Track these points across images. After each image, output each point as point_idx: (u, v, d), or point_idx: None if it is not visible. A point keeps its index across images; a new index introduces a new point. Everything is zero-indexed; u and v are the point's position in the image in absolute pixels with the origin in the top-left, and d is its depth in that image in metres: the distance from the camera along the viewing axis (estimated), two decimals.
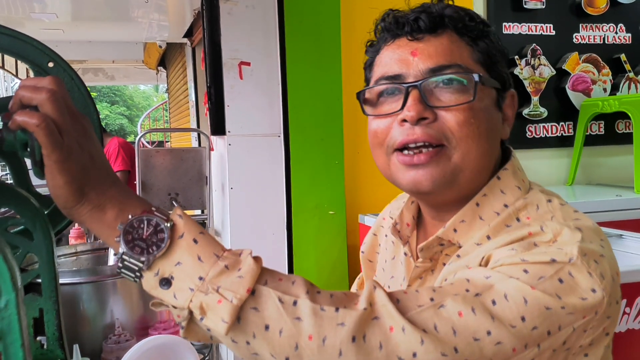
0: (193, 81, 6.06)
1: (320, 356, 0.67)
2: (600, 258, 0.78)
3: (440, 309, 0.71)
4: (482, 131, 0.87)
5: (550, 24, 3.12)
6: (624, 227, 2.24)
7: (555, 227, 0.81)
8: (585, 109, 3.11)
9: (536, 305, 0.72)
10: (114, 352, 1.42)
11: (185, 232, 0.70)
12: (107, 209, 0.71)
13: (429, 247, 0.93)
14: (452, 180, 0.88)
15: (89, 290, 1.46)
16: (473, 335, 0.70)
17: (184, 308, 0.68)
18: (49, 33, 6.00)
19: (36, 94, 0.68)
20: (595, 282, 0.75)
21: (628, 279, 1.76)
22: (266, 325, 0.68)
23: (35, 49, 0.87)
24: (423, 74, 0.87)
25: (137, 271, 0.69)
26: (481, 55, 0.90)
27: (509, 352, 0.71)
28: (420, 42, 0.89)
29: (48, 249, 0.89)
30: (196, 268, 0.68)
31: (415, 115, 0.85)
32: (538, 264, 0.75)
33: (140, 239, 0.69)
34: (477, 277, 0.76)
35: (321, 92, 2.61)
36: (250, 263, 0.70)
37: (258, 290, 0.69)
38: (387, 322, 0.69)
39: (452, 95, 0.86)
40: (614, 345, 0.85)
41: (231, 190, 2.58)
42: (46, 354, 0.92)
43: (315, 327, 0.68)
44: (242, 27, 2.53)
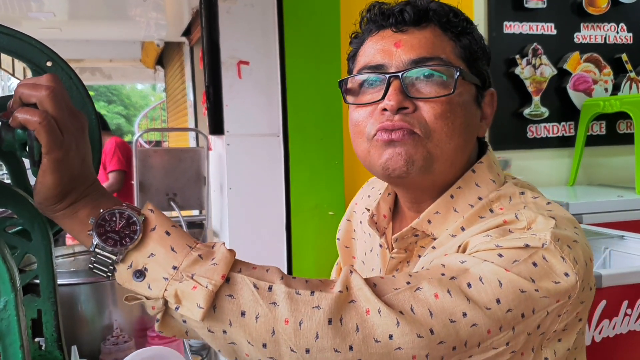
0: (191, 80, 6.05)
1: (297, 340, 0.68)
2: (573, 244, 0.80)
3: (417, 291, 0.73)
4: (457, 126, 0.88)
5: (551, 23, 3.12)
6: (625, 227, 2.24)
7: (529, 215, 0.83)
8: (587, 109, 3.10)
9: (511, 288, 0.74)
10: (112, 353, 1.41)
11: (157, 225, 0.71)
12: (80, 206, 0.71)
13: (404, 238, 0.95)
14: (425, 166, 0.88)
15: (87, 292, 1.44)
16: (449, 316, 0.71)
17: (158, 297, 0.68)
18: (46, 32, 5.98)
19: (35, 91, 0.67)
20: (569, 267, 0.77)
21: (629, 280, 1.76)
22: (242, 312, 0.68)
23: (34, 47, 0.85)
24: (405, 64, 0.88)
25: (110, 264, 0.69)
26: (463, 51, 0.91)
27: (484, 333, 0.73)
28: (404, 34, 0.90)
29: (46, 249, 0.88)
30: (169, 258, 0.69)
31: (395, 104, 0.86)
32: (512, 249, 0.77)
33: (112, 232, 0.69)
34: (452, 262, 0.78)
35: (321, 91, 2.60)
36: (224, 251, 0.71)
37: (232, 277, 0.70)
38: (364, 305, 0.71)
39: (432, 87, 0.88)
40: (614, 346, 0.85)
41: (230, 191, 2.57)
42: (45, 355, 0.91)
43: (291, 311, 0.68)
44: (241, 25, 2.52)
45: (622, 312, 1.75)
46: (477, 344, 0.73)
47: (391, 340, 0.69)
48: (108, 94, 20.30)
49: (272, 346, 0.69)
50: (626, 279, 1.74)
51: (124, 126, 20.72)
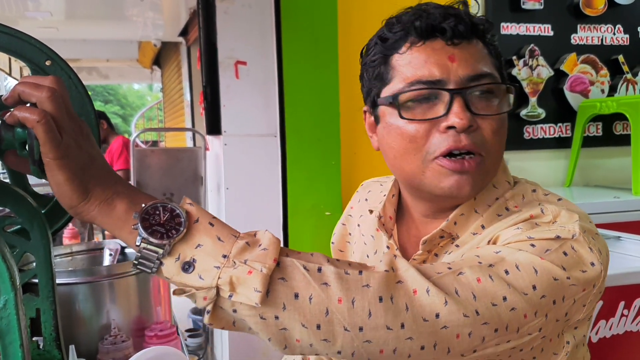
0: (188, 80, 6.05)
1: (350, 318, 0.69)
2: (596, 236, 0.85)
3: (459, 275, 0.75)
4: (504, 137, 0.92)
5: (548, 24, 3.12)
6: (622, 229, 2.24)
7: (553, 209, 0.87)
8: (583, 110, 3.11)
9: (545, 275, 0.77)
10: (109, 353, 1.40)
11: (200, 217, 0.71)
12: (116, 202, 0.70)
13: (432, 240, 0.95)
14: (484, 185, 0.92)
15: (85, 291, 1.44)
16: (491, 300, 0.74)
17: (211, 287, 0.67)
18: (43, 31, 5.98)
19: (37, 91, 0.67)
20: (595, 257, 0.81)
21: (626, 281, 1.76)
22: (295, 294, 0.69)
23: (33, 47, 0.85)
24: (463, 80, 0.87)
25: (157, 259, 0.69)
26: (496, 60, 0.93)
27: (522, 318, 0.75)
28: (456, 47, 0.88)
29: (45, 248, 0.88)
30: (218, 247, 0.69)
31: (466, 123, 0.84)
32: (544, 240, 0.81)
33: (158, 224, 0.69)
34: (487, 253, 0.80)
35: (318, 92, 2.60)
36: (270, 237, 0.72)
37: (282, 261, 0.70)
38: (411, 286, 0.72)
39: (491, 104, 0.88)
40: (611, 347, 0.88)
41: (227, 191, 2.57)
42: (43, 354, 0.91)
43: (343, 291, 0.69)
44: (238, 26, 2.52)
45: (619, 312, 1.75)
46: (516, 329, 0.76)
47: (437, 319, 0.71)
48: (105, 93, 20.25)
49: (326, 327, 0.69)
50: (623, 279, 1.75)
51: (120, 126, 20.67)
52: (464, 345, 0.74)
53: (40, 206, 0.88)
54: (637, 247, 2.05)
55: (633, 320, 1.77)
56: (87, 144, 0.71)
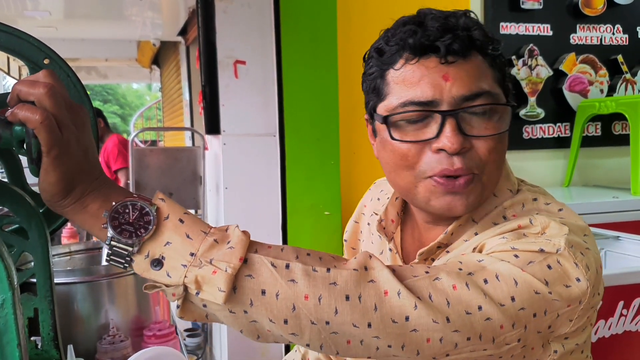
0: (187, 80, 6.04)
1: (317, 314, 0.70)
2: (585, 251, 0.82)
3: (435, 280, 0.75)
4: (502, 154, 0.90)
5: (547, 24, 3.12)
6: (620, 228, 2.24)
7: (543, 221, 0.84)
8: (582, 110, 3.11)
9: (525, 287, 0.76)
10: (108, 352, 1.40)
11: (170, 214, 0.71)
12: (89, 201, 0.71)
13: (429, 252, 0.95)
14: (480, 201, 0.90)
15: (83, 290, 1.43)
16: (465, 308, 0.74)
17: (178, 285, 0.69)
18: (42, 31, 5.97)
19: (34, 88, 0.67)
20: (581, 273, 0.79)
21: (625, 281, 1.76)
22: (262, 290, 0.70)
23: (31, 45, 0.85)
24: (457, 101, 0.84)
25: (127, 256, 0.70)
26: (499, 74, 0.90)
27: (497, 329, 0.75)
28: (450, 66, 0.85)
29: (43, 248, 0.87)
30: (186, 245, 0.70)
31: (457, 147, 0.83)
32: (528, 251, 0.79)
33: (127, 223, 0.70)
34: (469, 260, 0.80)
35: (317, 91, 2.60)
36: (239, 234, 0.72)
37: (250, 258, 0.71)
38: (383, 286, 0.73)
39: (486, 123, 0.86)
40: (610, 347, 0.87)
41: (226, 190, 2.57)
42: (41, 354, 0.91)
43: (310, 288, 0.70)
44: (237, 25, 2.52)
45: (618, 312, 1.75)
46: (491, 339, 0.75)
47: (407, 322, 0.72)
48: (104, 93, 20.24)
49: (293, 321, 0.70)
50: (622, 279, 1.75)
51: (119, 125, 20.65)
52: (434, 349, 0.74)
53: (38, 205, 0.88)
54: (635, 247, 2.05)
55: (632, 320, 1.77)
56: (84, 136, 0.71)
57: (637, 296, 1.76)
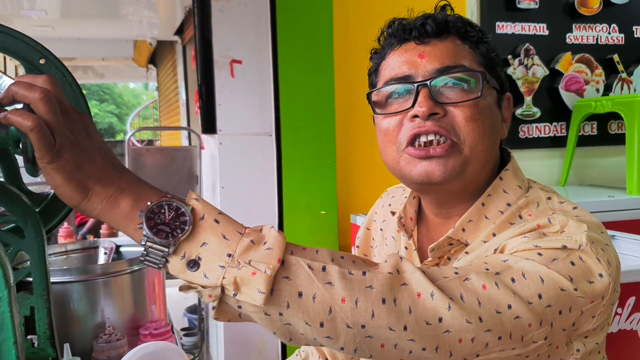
0: (184, 79, 6.04)
1: (353, 317, 0.70)
2: (605, 247, 0.84)
3: (465, 281, 0.75)
4: (487, 127, 0.93)
5: (543, 23, 3.13)
6: (616, 228, 2.25)
7: (562, 220, 0.86)
8: (578, 109, 3.11)
9: (552, 284, 0.77)
10: (104, 351, 1.40)
11: (206, 214, 0.71)
12: (120, 199, 0.70)
13: (440, 247, 0.97)
14: (461, 172, 0.92)
15: (80, 289, 1.44)
16: (496, 307, 0.74)
17: (216, 286, 0.68)
18: (38, 30, 5.96)
19: (30, 92, 0.66)
20: (603, 268, 0.80)
21: (620, 280, 1.76)
22: (299, 293, 0.69)
23: (27, 45, 0.85)
24: (431, 73, 0.92)
25: (163, 257, 0.69)
26: (482, 58, 0.97)
27: (526, 327, 0.75)
28: (427, 45, 0.94)
29: (39, 246, 0.88)
30: (223, 246, 0.69)
31: (426, 110, 0.89)
32: (551, 249, 0.81)
33: (163, 224, 0.69)
34: (494, 260, 0.81)
35: (313, 91, 2.60)
36: (275, 235, 0.72)
37: (287, 260, 0.70)
38: (416, 289, 0.73)
39: (459, 93, 0.91)
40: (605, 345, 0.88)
41: (222, 190, 2.57)
42: (37, 352, 0.91)
43: (346, 291, 0.70)
44: (233, 24, 2.52)
45: (613, 311, 1.75)
46: (520, 338, 0.76)
47: (440, 323, 0.72)
48: (100, 92, 20.21)
49: (329, 325, 0.70)
50: None
51: (116, 125, 20.64)
52: (466, 349, 0.74)
53: (34, 204, 0.88)
54: (631, 246, 2.05)
55: (627, 319, 1.78)
56: (85, 140, 0.70)
57: (632, 295, 1.76)
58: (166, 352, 1.13)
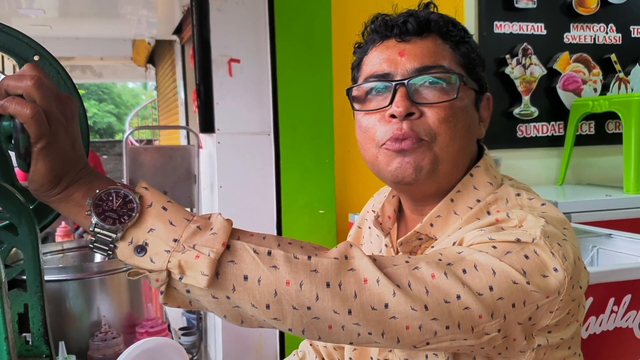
0: (182, 79, 6.03)
1: (298, 300, 0.71)
2: (562, 242, 0.83)
3: (415, 270, 0.76)
4: (460, 128, 0.93)
5: (541, 23, 3.13)
6: (613, 226, 2.25)
7: (520, 214, 0.87)
8: (576, 108, 3.12)
9: (504, 277, 0.77)
10: (100, 349, 1.40)
11: (154, 202, 0.73)
12: (74, 190, 0.72)
13: (408, 242, 0.97)
14: (432, 170, 0.92)
15: (75, 288, 1.44)
16: (444, 297, 0.75)
17: (162, 270, 0.70)
18: (36, 29, 5.96)
19: (21, 82, 0.68)
20: (558, 262, 0.80)
21: (616, 278, 1.77)
22: (245, 276, 0.71)
23: (21, 42, 0.85)
24: (409, 72, 0.92)
25: (111, 242, 0.71)
26: (462, 58, 0.96)
27: (476, 318, 0.76)
28: (407, 43, 0.94)
29: (33, 244, 0.87)
30: (169, 232, 0.71)
31: (403, 110, 0.90)
32: (505, 242, 0.81)
33: (110, 210, 0.71)
34: (449, 252, 0.82)
35: (312, 90, 2.60)
36: (222, 221, 0.73)
37: (233, 244, 0.72)
38: (363, 274, 0.74)
39: (436, 93, 0.92)
40: (601, 343, 0.88)
41: (220, 189, 2.57)
42: (31, 350, 0.90)
43: (291, 274, 0.72)
44: (231, 23, 2.52)
45: (609, 309, 1.76)
46: (470, 328, 0.76)
47: (386, 309, 0.73)
48: (99, 92, 20.20)
49: (275, 307, 0.72)
50: (613, 276, 1.75)
51: (115, 125, 20.64)
52: (414, 337, 0.75)
53: (28, 202, 0.88)
54: (627, 245, 2.06)
55: (623, 316, 1.78)
56: (72, 126, 0.72)
57: (628, 293, 1.77)
58: (165, 349, 1.13)
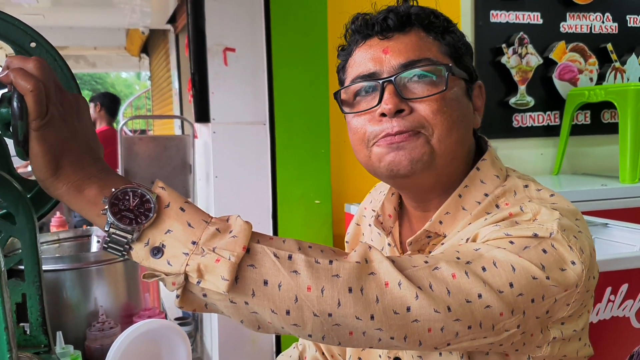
0: (176, 68, 5.99)
1: (320, 306, 0.69)
2: (578, 234, 0.83)
3: (435, 270, 0.75)
4: (455, 118, 0.91)
5: (537, 12, 3.13)
6: (609, 216, 2.26)
7: (534, 208, 0.85)
8: (572, 98, 3.12)
9: (523, 273, 0.76)
10: (97, 339, 1.40)
11: (171, 202, 0.71)
12: (86, 186, 0.70)
13: (418, 240, 0.96)
14: (429, 162, 0.90)
15: (73, 277, 1.43)
16: (466, 297, 0.74)
17: (179, 273, 0.68)
18: (29, 18, 5.90)
19: (26, 61, 0.68)
20: (575, 255, 0.80)
21: (613, 267, 1.77)
22: (265, 281, 0.69)
23: (17, 28, 0.84)
24: (395, 69, 0.91)
25: (126, 243, 0.69)
26: (448, 48, 0.95)
27: (497, 316, 0.75)
28: (390, 40, 0.93)
29: (31, 233, 0.86)
30: (187, 234, 0.69)
31: (392, 107, 0.88)
32: (522, 237, 0.80)
33: (127, 210, 0.68)
34: (466, 249, 0.80)
35: (307, 79, 2.59)
36: (241, 224, 0.71)
37: (253, 248, 0.70)
38: (384, 278, 0.72)
39: (425, 87, 0.90)
40: (598, 332, 0.88)
41: (216, 179, 2.56)
42: (29, 339, 0.90)
43: (312, 279, 0.70)
44: (227, 12, 2.50)
45: (606, 298, 1.76)
46: (491, 326, 0.75)
47: (409, 313, 0.71)
48: (92, 82, 20.10)
49: (295, 313, 0.70)
50: (609, 265, 1.76)
51: None
52: (436, 339, 0.74)
53: (25, 190, 0.87)
54: (623, 234, 2.06)
55: (619, 305, 1.78)
56: (74, 118, 0.71)
57: (625, 282, 1.77)
58: (164, 331, 1.12)
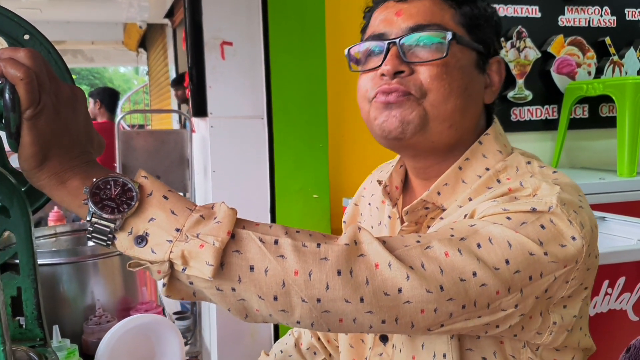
0: (174, 63, 5.99)
1: (308, 290, 0.69)
2: (579, 209, 0.81)
3: (427, 249, 0.74)
4: (455, 88, 0.90)
5: (535, 5, 3.11)
6: (607, 209, 2.26)
7: (534, 183, 0.84)
8: (570, 92, 3.11)
9: (520, 249, 0.75)
10: (94, 333, 1.40)
11: (154, 190, 0.70)
12: (68, 177, 0.70)
13: (414, 210, 0.95)
14: (421, 125, 0.90)
15: (69, 271, 1.43)
16: (459, 275, 0.72)
17: (164, 261, 0.67)
18: (26, 12, 5.87)
19: (17, 51, 0.67)
20: (576, 230, 0.78)
21: (610, 260, 1.77)
22: (251, 266, 0.68)
23: (10, 20, 0.83)
24: (403, 31, 0.92)
25: (109, 233, 0.68)
26: (463, 18, 0.94)
27: (493, 294, 0.74)
28: (405, 3, 0.94)
29: (26, 226, 0.86)
30: (171, 221, 0.68)
31: (391, 69, 0.90)
32: (520, 212, 0.78)
33: (108, 199, 0.68)
34: (461, 225, 0.79)
35: (305, 73, 2.58)
36: (226, 209, 0.70)
37: (238, 233, 0.69)
38: (373, 259, 0.71)
39: (429, 52, 0.90)
40: (595, 325, 0.88)
41: (214, 174, 2.55)
42: (25, 333, 0.90)
43: (299, 263, 0.69)
44: (224, 6, 2.49)
45: (603, 291, 1.77)
46: (486, 305, 0.74)
47: (400, 294, 0.70)
48: (90, 77, 20.05)
49: (283, 298, 0.69)
50: (607, 259, 1.76)
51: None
52: (429, 320, 0.73)
53: (20, 184, 0.87)
54: (621, 227, 2.07)
55: (617, 298, 1.79)
56: (67, 110, 0.70)
57: (622, 275, 1.77)
58: (155, 326, 1.12)
